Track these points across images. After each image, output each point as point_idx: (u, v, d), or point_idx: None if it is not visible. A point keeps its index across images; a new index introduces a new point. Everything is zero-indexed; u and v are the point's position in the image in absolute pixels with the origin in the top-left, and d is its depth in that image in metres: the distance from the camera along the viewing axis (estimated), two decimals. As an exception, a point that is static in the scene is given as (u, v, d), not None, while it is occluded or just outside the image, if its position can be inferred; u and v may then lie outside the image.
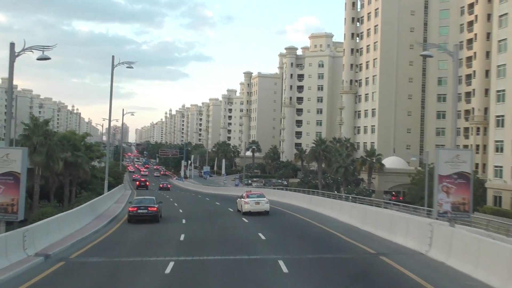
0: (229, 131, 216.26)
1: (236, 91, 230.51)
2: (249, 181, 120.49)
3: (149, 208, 32.96)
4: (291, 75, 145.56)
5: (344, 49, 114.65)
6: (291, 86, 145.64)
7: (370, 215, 28.57)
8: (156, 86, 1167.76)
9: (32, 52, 19.40)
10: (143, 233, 28.44)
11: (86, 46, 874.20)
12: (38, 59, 20.09)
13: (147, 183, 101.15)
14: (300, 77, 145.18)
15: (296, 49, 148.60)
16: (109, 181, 72.29)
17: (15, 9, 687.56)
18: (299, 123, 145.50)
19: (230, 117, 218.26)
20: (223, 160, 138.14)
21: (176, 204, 49.79)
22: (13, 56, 19.89)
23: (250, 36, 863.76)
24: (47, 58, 20.26)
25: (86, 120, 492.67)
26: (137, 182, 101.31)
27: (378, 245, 23.41)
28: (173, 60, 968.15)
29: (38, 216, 40.03)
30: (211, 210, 43.33)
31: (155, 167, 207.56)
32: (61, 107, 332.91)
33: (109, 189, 62.24)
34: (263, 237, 26.02)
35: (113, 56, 47.46)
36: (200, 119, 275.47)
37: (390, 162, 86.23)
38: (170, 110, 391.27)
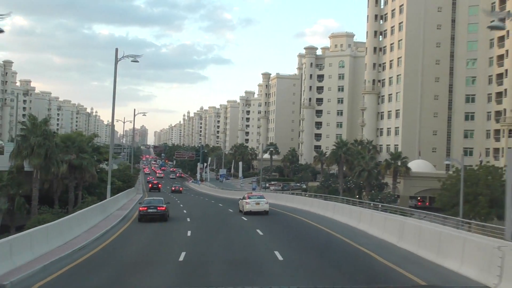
0: (247, 133, 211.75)
1: (254, 93, 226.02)
2: (267, 185, 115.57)
3: (158, 208, 35.43)
4: (311, 75, 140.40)
5: (366, 48, 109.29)
6: (310, 87, 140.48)
7: (410, 230, 23.50)
8: (175, 89, 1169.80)
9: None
10: (137, 250, 23.72)
11: (106, 49, 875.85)
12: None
13: (160, 185, 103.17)
14: (320, 77, 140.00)
15: (316, 49, 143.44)
16: (118, 184, 68.19)
17: (37, 13, 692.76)
18: (318, 125, 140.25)
19: (248, 119, 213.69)
20: (240, 163, 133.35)
21: (185, 211, 45.04)
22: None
23: (269, 39, 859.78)
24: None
25: (105, 122, 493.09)
26: (150, 185, 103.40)
27: (426, 272, 18.38)
28: (192, 63, 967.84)
29: (34, 224, 35.80)
30: (223, 219, 38.47)
31: (171, 169, 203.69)
32: (79, 109, 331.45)
33: (117, 193, 58.12)
34: (280, 257, 21.13)
35: (116, 49, 43.46)
36: (218, 121, 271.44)
37: (416, 165, 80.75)
38: (188, 113, 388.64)
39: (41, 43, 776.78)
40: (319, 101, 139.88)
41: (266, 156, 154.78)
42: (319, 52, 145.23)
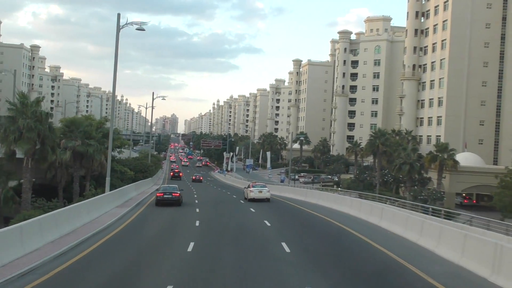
0: (277, 122, 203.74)
1: (284, 81, 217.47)
2: (296, 176, 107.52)
3: (173, 194, 39.00)
4: (344, 61, 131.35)
5: (406, 30, 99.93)
6: (343, 74, 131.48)
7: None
8: (206, 78, 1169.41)
9: None
10: (108, 275, 15.99)
11: (139, 38, 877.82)
12: None
13: (180, 174, 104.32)
14: (354, 63, 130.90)
15: (350, 33, 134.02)
16: (130, 175, 60.96)
17: (72, 2, 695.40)
18: (351, 114, 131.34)
19: (277, 107, 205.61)
20: (268, 153, 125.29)
21: (197, 210, 37.23)
22: None
23: (300, 28, 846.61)
24: None
25: (136, 110, 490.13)
26: (171, 173, 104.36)
27: None
28: (223, 52, 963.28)
29: (19, 221, 28.73)
30: (239, 223, 30.22)
31: (198, 158, 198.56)
32: (109, 96, 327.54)
33: (128, 184, 50.98)
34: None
35: (118, 14, 36.06)
36: (247, 110, 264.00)
37: (463, 159, 71.57)
38: (218, 101, 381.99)
39: (76, 32, 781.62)
40: (353, 88, 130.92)
41: (296, 146, 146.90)
42: (353, 37, 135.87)
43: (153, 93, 77.21)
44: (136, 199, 43.21)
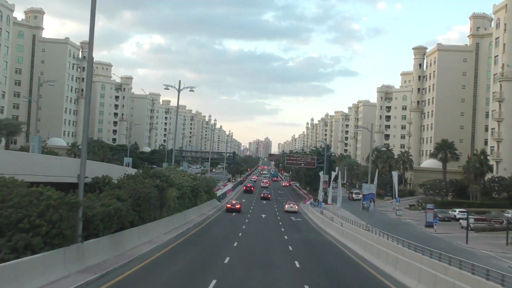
0: (387, 136, 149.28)
1: (393, 86, 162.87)
2: (457, 215, 53.86)
3: (235, 206, 63.49)
4: (516, 25, 76.57)
5: None
6: (515, 45, 76.63)
7: None
8: (301, 102, 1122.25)
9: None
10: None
11: (235, 64, 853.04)
12: None
13: (252, 188, 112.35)
14: (534, 27, 75.86)
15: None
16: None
17: (173, 32, 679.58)
18: (530, 109, 75.85)
19: (388, 117, 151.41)
20: (395, 173, 72.31)
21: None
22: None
23: (398, 49, 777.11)
24: None
25: (227, 132, 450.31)
26: (244, 187, 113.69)
27: None
28: (318, 76, 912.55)
29: None
30: None
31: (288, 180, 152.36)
32: (194, 116, 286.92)
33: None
34: None
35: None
36: (347, 125, 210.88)
37: None
38: (312, 120, 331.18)
39: (176, 60, 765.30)
40: (533, 68, 75.74)
41: (425, 164, 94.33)
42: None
43: (179, 81, 33.10)
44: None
